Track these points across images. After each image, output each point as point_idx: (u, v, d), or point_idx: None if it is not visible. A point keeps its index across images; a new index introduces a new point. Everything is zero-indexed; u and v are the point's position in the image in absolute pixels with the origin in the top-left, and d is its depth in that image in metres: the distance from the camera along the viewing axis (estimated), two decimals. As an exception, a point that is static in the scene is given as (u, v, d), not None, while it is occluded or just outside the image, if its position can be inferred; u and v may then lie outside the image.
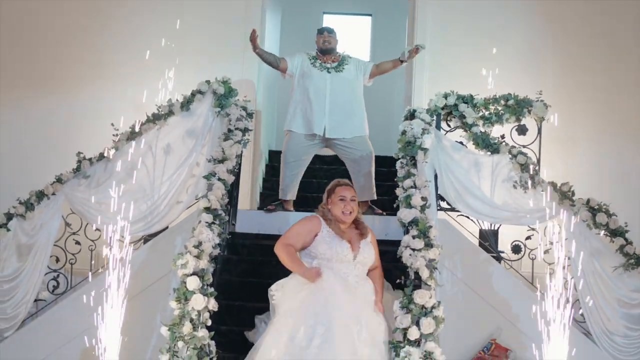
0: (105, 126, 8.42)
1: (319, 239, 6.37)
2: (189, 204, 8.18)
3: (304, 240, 6.42)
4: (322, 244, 6.34)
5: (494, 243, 8.22)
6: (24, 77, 9.65)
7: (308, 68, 8.78)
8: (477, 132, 8.12)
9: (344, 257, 6.32)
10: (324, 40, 8.86)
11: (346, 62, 8.84)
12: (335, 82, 8.75)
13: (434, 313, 6.24)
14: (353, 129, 8.75)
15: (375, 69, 8.83)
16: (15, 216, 7.94)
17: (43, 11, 9.73)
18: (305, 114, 8.74)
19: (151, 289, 7.86)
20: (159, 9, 9.72)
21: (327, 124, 8.70)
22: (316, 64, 8.77)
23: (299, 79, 8.81)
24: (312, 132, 8.72)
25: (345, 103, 8.74)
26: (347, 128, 8.73)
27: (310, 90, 8.73)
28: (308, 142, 8.79)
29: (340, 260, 6.30)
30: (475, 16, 9.73)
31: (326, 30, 8.96)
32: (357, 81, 8.83)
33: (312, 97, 8.72)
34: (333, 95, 8.73)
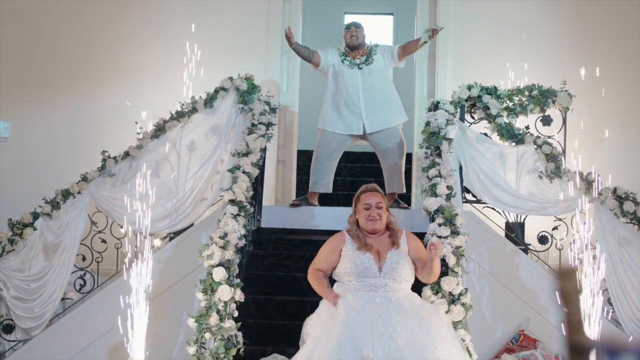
0: (130, 125, 8.46)
1: (343, 255, 5.90)
2: (213, 200, 8.20)
3: (330, 260, 5.97)
4: (345, 259, 5.87)
5: (520, 234, 8.18)
6: (48, 78, 9.70)
7: (340, 67, 8.73)
8: (501, 123, 8.09)
9: (368, 270, 5.78)
10: (351, 36, 8.85)
11: (374, 52, 8.80)
12: (366, 76, 8.69)
13: (462, 300, 6.22)
14: (388, 119, 8.67)
15: (402, 50, 8.77)
16: (42, 215, 7.97)
17: (65, 12, 9.78)
18: (342, 115, 8.69)
19: (177, 286, 7.88)
20: (180, 8, 9.74)
21: (365, 122, 8.65)
22: (346, 62, 8.74)
23: (332, 78, 8.76)
24: (351, 133, 8.70)
25: (379, 95, 8.69)
26: (384, 119, 8.67)
27: (342, 90, 8.69)
28: (343, 139, 8.76)
29: (365, 275, 5.77)
30: (496, 8, 9.69)
31: (353, 24, 8.94)
32: (387, 69, 8.80)
33: (345, 97, 8.67)
34: (366, 92, 8.68)
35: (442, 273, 6.12)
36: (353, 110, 8.67)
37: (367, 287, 5.73)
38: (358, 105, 8.66)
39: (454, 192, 7.07)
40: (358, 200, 6.03)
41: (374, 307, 5.61)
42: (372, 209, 5.94)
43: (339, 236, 6.06)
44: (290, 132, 9.76)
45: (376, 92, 8.70)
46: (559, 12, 9.65)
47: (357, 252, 5.84)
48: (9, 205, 8.74)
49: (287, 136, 9.75)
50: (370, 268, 5.77)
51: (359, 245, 5.87)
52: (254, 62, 9.47)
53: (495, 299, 7.77)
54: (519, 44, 9.46)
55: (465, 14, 9.75)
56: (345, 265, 5.83)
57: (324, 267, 5.98)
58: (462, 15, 9.75)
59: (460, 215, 6.80)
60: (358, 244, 5.88)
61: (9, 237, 7.86)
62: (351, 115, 8.67)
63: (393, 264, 5.78)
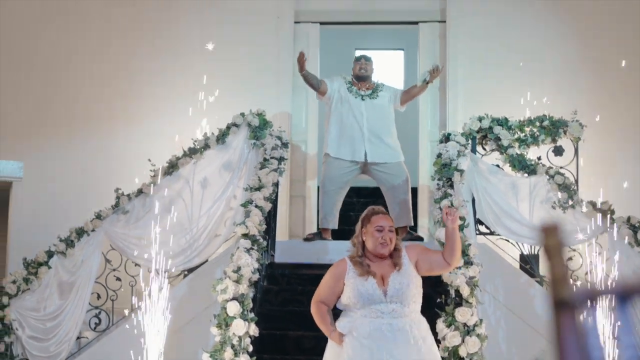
0: (143, 162, 8.51)
1: (346, 284, 5.59)
2: (227, 237, 8.21)
3: (334, 290, 5.64)
4: (348, 288, 5.56)
5: (534, 266, 8.15)
6: (61, 117, 9.78)
7: (345, 94, 8.85)
8: (513, 154, 8.10)
9: (373, 297, 5.49)
10: (360, 67, 8.94)
11: (380, 89, 8.91)
12: (370, 108, 8.81)
13: (477, 331, 6.19)
14: (391, 154, 8.77)
15: (406, 95, 8.90)
16: (56, 253, 8.00)
17: (79, 53, 9.88)
18: (344, 140, 8.76)
19: (192, 322, 7.86)
20: (193, 47, 9.83)
21: (367, 149, 8.73)
22: (352, 90, 8.85)
23: (337, 104, 8.86)
24: (353, 159, 8.75)
25: (382, 129, 8.79)
26: (386, 153, 8.76)
27: (348, 117, 8.78)
28: (346, 169, 8.80)
29: (371, 302, 5.47)
30: (507, 40, 9.73)
31: (363, 57, 9.05)
32: (390, 108, 8.89)
33: (350, 123, 8.76)
34: (369, 122, 8.78)
35: (455, 304, 6.11)
36: (356, 137, 8.74)
37: (374, 313, 5.45)
38: (361, 131, 8.74)
39: (466, 223, 7.08)
40: (368, 222, 5.69)
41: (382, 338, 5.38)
42: (384, 232, 5.63)
43: (340, 264, 5.73)
44: (303, 167, 9.79)
45: (378, 126, 8.79)
46: (568, 44, 9.68)
47: (359, 278, 5.53)
48: (24, 244, 8.76)
49: (299, 171, 9.79)
50: (374, 294, 5.47)
51: (361, 272, 5.56)
52: (266, 98, 9.53)
53: (510, 331, 7.72)
54: (528, 75, 9.49)
55: (473, 48, 9.80)
56: (348, 295, 5.54)
57: (327, 298, 5.68)
58: (470, 49, 9.80)
59: (474, 245, 6.79)
60: (360, 270, 5.56)
61: (24, 277, 7.89)
62: (354, 142, 8.74)
63: (397, 286, 5.49)
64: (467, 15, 9.88)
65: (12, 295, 7.83)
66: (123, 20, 9.97)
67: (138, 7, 9.99)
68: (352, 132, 8.76)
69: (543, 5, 9.79)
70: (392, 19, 10.23)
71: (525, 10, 9.80)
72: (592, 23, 9.71)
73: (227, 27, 9.93)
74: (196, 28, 9.90)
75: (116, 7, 9.99)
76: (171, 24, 9.93)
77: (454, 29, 9.86)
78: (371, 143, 8.75)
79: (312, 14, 10.17)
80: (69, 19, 9.96)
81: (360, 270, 5.57)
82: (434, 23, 10.05)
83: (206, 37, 9.83)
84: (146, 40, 9.92)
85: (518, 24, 9.79)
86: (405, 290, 5.48)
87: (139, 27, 9.95)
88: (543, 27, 9.74)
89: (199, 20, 9.92)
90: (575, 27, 9.72)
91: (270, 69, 9.87)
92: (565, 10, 9.77)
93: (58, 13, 9.98)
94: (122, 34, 9.95)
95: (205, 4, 9.94)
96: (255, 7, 10.01)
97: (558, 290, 1.26)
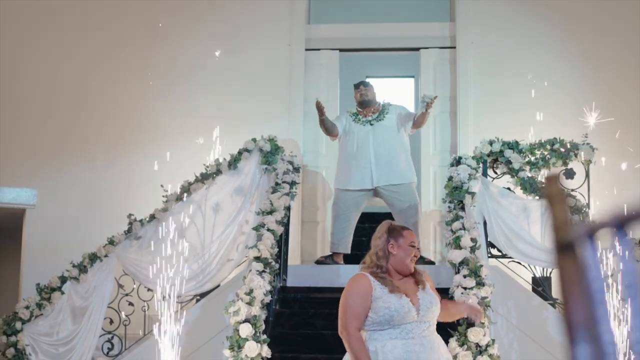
0: (155, 188, 8.55)
1: (375, 301, 5.11)
2: (239, 261, 8.24)
3: (364, 310, 5.12)
4: (378, 305, 5.09)
5: (547, 288, 8.14)
6: (73, 144, 9.85)
7: (350, 125, 8.88)
8: (524, 177, 8.12)
9: (408, 315, 5.10)
10: (361, 94, 9.00)
11: (387, 111, 8.92)
12: (378, 132, 8.81)
13: (489, 351, 6.18)
14: (399, 175, 8.74)
15: (414, 124, 8.88)
16: (69, 279, 8.03)
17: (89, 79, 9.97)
18: (352, 171, 8.77)
19: (205, 347, 7.87)
20: (204, 73, 9.92)
21: (374, 174, 8.72)
22: (358, 120, 8.86)
23: (343, 138, 8.89)
24: (363, 187, 8.75)
25: (390, 151, 8.77)
26: (394, 174, 8.73)
27: (354, 146, 8.79)
28: (357, 194, 8.82)
29: (404, 321, 5.08)
30: (517, 64, 9.78)
31: (362, 83, 9.11)
32: (399, 128, 8.88)
33: (356, 152, 8.77)
34: (376, 146, 8.77)
35: (468, 324, 6.10)
36: (363, 165, 8.73)
37: (404, 334, 5.07)
38: (368, 158, 8.73)
39: (478, 245, 7.08)
40: (401, 236, 5.28)
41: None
42: (416, 249, 5.31)
43: (362, 280, 5.22)
44: (314, 192, 9.83)
45: (387, 148, 8.76)
46: (578, 67, 9.71)
47: (392, 295, 5.11)
48: (37, 270, 8.81)
49: (311, 197, 9.81)
50: (410, 313, 5.08)
51: (391, 288, 5.14)
52: (277, 124, 9.59)
53: (524, 354, 7.70)
54: (539, 98, 9.51)
55: (483, 72, 9.85)
56: (382, 313, 5.07)
57: (361, 322, 5.12)
58: (480, 73, 9.85)
59: (485, 266, 6.80)
60: (390, 287, 5.14)
61: (37, 302, 7.93)
62: (361, 170, 8.72)
63: (427, 305, 5.15)
64: (477, 41, 9.93)
65: (25, 321, 7.86)
66: (137, 50, 10.06)
67: (151, 37, 10.08)
68: (358, 161, 8.74)
69: (553, 28, 9.84)
70: (401, 46, 10.27)
71: (534, 34, 9.84)
72: (605, 45, 9.74)
73: (239, 54, 10.01)
74: (209, 55, 9.98)
75: (130, 38, 10.09)
76: (184, 52, 10.02)
77: (463, 54, 9.90)
78: (378, 167, 8.72)
79: (323, 41, 10.25)
80: (83, 48, 10.05)
81: (390, 287, 5.15)
82: (444, 49, 10.11)
83: (219, 65, 9.92)
84: (159, 68, 10.00)
85: (528, 48, 9.83)
86: (434, 309, 5.20)
87: (153, 55, 10.04)
88: (553, 51, 9.78)
89: (212, 48, 10.00)
90: (587, 49, 9.75)
91: (281, 95, 9.94)
92: (576, 33, 9.81)
93: (73, 43, 10.07)
94: (136, 62, 10.03)
95: (218, 33, 10.02)
96: (267, 34, 10.10)
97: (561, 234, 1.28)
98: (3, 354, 7.77)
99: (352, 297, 5.17)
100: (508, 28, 9.94)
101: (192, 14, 10.15)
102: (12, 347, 7.79)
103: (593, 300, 1.26)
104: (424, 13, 10.56)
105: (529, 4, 9.96)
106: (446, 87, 9.95)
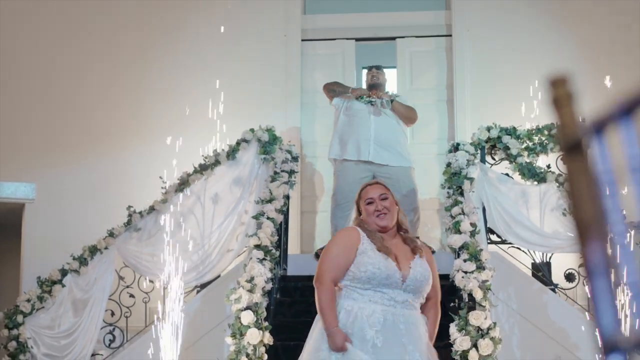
0: (154, 179, 8.56)
1: (360, 255, 4.72)
2: (239, 251, 8.25)
3: (346, 263, 4.72)
4: (363, 260, 4.68)
5: (547, 273, 8.16)
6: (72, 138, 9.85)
7: (352, 102, 8.77)
8: (522, 162, 8.14)
9: (390, 279, 4.65)
10: (372, 76, 8.95)
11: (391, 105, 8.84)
12: (380, 114, 8.72)
13: (491, 334, 6.20)
14: (398, 158, 8.64)
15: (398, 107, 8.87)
16: (70, 272, 8.05)
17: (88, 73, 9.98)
18: (350, 141, 8.60)
19: (206, 337, 7.89)
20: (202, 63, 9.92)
21: (371, 150, 8.56)
22: (362, 98, 8.75)
23: (344, 111, 8.80)
24: (359, 158, 8.57)
25: (390, 134, 8.66)
26: (392, 156, 8.61)
27: (354, 120, 8.69)
28: (357, 177, 8.64)
29: (386, 284, 4.64)
30: (513, 50, 9.79)
31: (374, 66, 9.06)
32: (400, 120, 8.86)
33: (356, 124, 8.65)
34: (377, 125, 8.66)
35: (469, 308, 6.13)
36: (362, 139, 8.61)
37: (386, 300, 4.65)
38: (368, 134, 8.60)
39: (477, 229, 7.10)
40: (359, 198, 5.03)
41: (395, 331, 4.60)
42: (376, 202, 4.92)
43: (351, 231, 4.90)
44: (312, 183, 9.84)
45: (387, 130, 8.62)
46: (575, 52, 9.73)
47: (378, 254, 4.71)
48: (38, 264, 8.81)
49: (310, 187, 9.82)
50: (393, 277, 4.65)
51: (379, 246, 4.75)
52: (275, 115, 9.59)
53: (525, 339, 7.72)
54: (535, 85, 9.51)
55: (480, 60, 9.86)
56: (365, 269, 4.65)
57: (337, 276, 4.74)
58: (477, 61, 9.86)
59: (485, 250, 6.82)
60: (378, 244, 4.76)
61: (38, 295, 7.94)
62: (359, 143, 8.58)
63: (419, 277, 4.72)
64: (473, 29, 9.94)
65: (26, 314, 7.88)
66: (134, 41, 10.06)
67: (148, 27, 10.09)
68: (357, 135, 8.64)
69: (550, 15, 9.85)
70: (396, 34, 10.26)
71: (531, 21, 9.85)
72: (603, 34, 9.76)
73: (236, 46, 10.02)
74: (206, 46, 9.98)
75: (127, 29, 10.10)
76: (180, 43, 10.02)
77: (459, 42, 9.92)
78: (377, 145, 8.59)
79: (319, 31, 10.25)
80: (80, 41, 10.05)
81: (378, 245, 4.77)
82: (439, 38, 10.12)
83: (216, 55, 9.93)
84: (156, 59, 10.01)
85: (524, 35, 9.84)
86: (425, 285, 4.78)
87: (149, 46, 10.04)
88: (551, 36, 9.79)
89: (209, 39, 10.00)
90: (585, 36, 9.77)
91: (278, 86, 9.95)
92: (575, 19, 9.82)
93: (69, 36, 10.07)
94: (132, 54, 10.04)
95: (215, 23, 10.02)
96: (263, 25, 10.11)
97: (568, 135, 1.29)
98: (5, 347, 7.79)
99: (336, 246, 4.90)
100: (504, 15, 9.95)
101: (188, 5, 10.15)
102: (14, 340, 7.80)
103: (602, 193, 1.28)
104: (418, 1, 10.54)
105: (524, -10, 9.98)
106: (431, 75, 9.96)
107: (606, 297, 1.26)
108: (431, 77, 10.04)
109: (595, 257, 1.27)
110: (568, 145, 1.30)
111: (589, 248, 1.27)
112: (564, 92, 1.33)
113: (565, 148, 1.30)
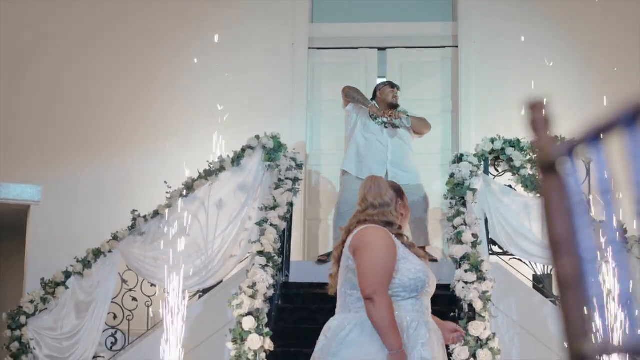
0: (159, 184, 8.61)
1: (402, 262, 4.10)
2: (242, 257, 8.29)
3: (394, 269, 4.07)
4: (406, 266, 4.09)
5: (547, 285, 8.19)
6: (78, 141, 9.91)
7: (367, 119, 8.78)
8: (525, 174, 8.16)
9: (433, 285, 4.19)
10: (394, 96, 8.95)
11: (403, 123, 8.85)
12: (393, 133, 8.76)
13: (490, 345, 6.23)
14: (412, 176, 8.67)
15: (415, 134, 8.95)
16: (74, 274, 8.10)
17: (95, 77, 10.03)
18: (367, 162, 8.65)
19: (207, 342, 7.92)
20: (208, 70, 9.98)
21: (389, 170, 8.62)
22: (374, 118, 8.75)
23: (362, 131, 8.79)
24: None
25: (404, 155, 8.72)
26: (407, 175, 8.61)
27: (373, 143, 8.70)
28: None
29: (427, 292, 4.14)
30: (519, 62, 9.83)
31: (396, 86, 9.06)
32: (410, 135, 8.89)
33: (375, 147, 8.67)
34: (393, 146, 8.70)
35: (469, 318, 6.17)
36: (380, 160, 8.64)
37: (425, 309, 4.12)
38: (385, 155, 8.66)
39: (479, 241, 7.14)
40: (404, 195, 4.41)
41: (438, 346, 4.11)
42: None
43: (385, 233, 4.16)
44: (317, 190, 9.88)
45: (401, 151, 8.73)
46: (579, 64, 9.76)
47: (418, 260, 4.16)
48: (42, 266, 8.86)
49: (314, 194, 9.87)
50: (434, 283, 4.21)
51: (415, 251, 4.22)
52: (281, 123, 9.63)
53: (525, 350, 7.74)
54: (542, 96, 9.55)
55: (485, 71, 9.90)
56: (414, 276, 4.07)
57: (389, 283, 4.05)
58: (483, 72, 9.90)
59: (487, 261, 6.86)
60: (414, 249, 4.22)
61: (41, 296, 7.99)
62: (378, 164, 8.61)
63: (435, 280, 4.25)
64: (479, 39, 9.99)
65: (29, 315, 7.93)
66: (142, 46, 10.12)
67: (155, 34, 10.15)
68: (376, 157, 8.69)
69: (555, 26, 9.89)
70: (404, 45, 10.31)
71: (537, 32, 9.89)
72: (608, 44, 9.78)
73: (242, 54, 10.07)
74: (214, 52, 10.03)
75: (135, 33, 10.16)
76: (187, 50, 10.08)
77: (465, 53, 9.97)
78: (394, 166, 8.67)
79: (325, 40, 10.31)
80: (88, 45, 10.12)
81: (414, 249, 4.22)
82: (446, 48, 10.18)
83: (223, 63, 9.98)
84: (162, 66, 10.06)
85: (530, 47, 9.88)
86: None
87: (158, 52, 10.10)
88: (556, 49, 9.83)
89: (217, 45, 10.05)
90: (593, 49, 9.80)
91: (285, 93, 10.00)
92: (578, 31, 9.85)
93: (77, 39, 10.14)
94: (140, 58, 10.10)
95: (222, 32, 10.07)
96: (270, 34, 10.16)
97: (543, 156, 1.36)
98: (7, 348, 7.84)
99: (381, 251, 4.06)
100: (511, 27, 9.99)
101: (198, 11, 10.21)
102: (17, 341, 7.85)
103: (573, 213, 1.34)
104: (426, 12, 10.59)
105: (531, 3, 10.02)
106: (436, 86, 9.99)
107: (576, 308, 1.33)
108: (436, 87, 10.09)
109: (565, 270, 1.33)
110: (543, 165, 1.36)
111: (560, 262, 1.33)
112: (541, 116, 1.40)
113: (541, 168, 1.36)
